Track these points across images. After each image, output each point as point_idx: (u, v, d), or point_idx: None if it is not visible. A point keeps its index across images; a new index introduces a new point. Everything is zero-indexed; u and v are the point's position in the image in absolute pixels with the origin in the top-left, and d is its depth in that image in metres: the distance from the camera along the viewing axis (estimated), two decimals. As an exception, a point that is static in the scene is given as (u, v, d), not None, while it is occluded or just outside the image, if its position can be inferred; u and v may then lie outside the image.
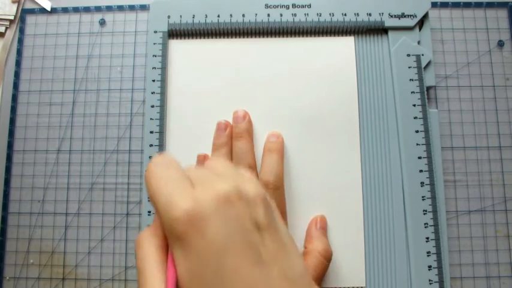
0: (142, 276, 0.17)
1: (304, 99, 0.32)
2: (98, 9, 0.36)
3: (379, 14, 0.33)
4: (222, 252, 0.16)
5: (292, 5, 0.33)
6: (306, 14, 0.33)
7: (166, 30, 0.33)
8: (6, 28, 0.36)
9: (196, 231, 0.16)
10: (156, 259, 0.17)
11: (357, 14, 0.33)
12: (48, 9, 0.36)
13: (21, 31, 0.36)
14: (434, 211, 0.30)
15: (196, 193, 0.17)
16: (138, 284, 0.17)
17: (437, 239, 0.30)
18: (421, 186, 0.30)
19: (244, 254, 0.16)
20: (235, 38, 0.34)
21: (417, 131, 0.31)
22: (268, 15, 0.33)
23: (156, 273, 0.17)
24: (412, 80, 0.32)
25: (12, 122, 0.35)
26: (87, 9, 0.36)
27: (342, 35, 0.33)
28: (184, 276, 0.16)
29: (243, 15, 0.33)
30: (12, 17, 0.36)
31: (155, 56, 0.33)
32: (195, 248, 0.16)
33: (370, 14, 0.33)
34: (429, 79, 0.32)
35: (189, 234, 0.16)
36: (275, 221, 0.19)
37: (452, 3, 0.36)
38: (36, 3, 0.37)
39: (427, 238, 0.30)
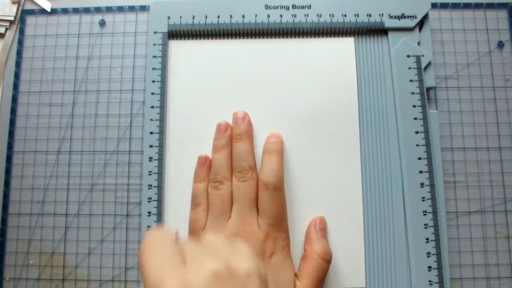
0: None
1: (304, 100, 0.32)
2: (98, 10, 0.36)
3: (379, 14, 0.33)
4: None
5: (292, 6, 0.33)
6: (306, 15, 0.33)
7: (166, 31, 0.33)
8: (6, 29, 0.36)
9: None
10: None
11: (357, 14, 0.33)
12: (48, 10, 0.36)
13: (21, 32, 0.36)
14: (434, 212, 0.30)
15: (186, 274, 0.17)
16: None
17: (437, 240, 0.30)
18: (421, 187, 0.30)
19: None
20: (235, 38, 0.34)
21: (417, 132, 0.31)
22: (268, 16, 0.33)
23: None
24: (412, 80, 0.32)
25: (12, 122, 0.35)
26: (87, 10, 0.36)
27: (342, 36, 0.33)
28: None
29: (243, 16, 0.33)
30: (12, 18, 0.36)
31: (155, 56, 0.33)
32: None
33: (370, 15, 0.33)
34: (429, 80, 0.32)
35: None
36: None
37: (452, 4, 0.36)
38: (36, 4, 0.37)
39: (427, 239, 0.30)
